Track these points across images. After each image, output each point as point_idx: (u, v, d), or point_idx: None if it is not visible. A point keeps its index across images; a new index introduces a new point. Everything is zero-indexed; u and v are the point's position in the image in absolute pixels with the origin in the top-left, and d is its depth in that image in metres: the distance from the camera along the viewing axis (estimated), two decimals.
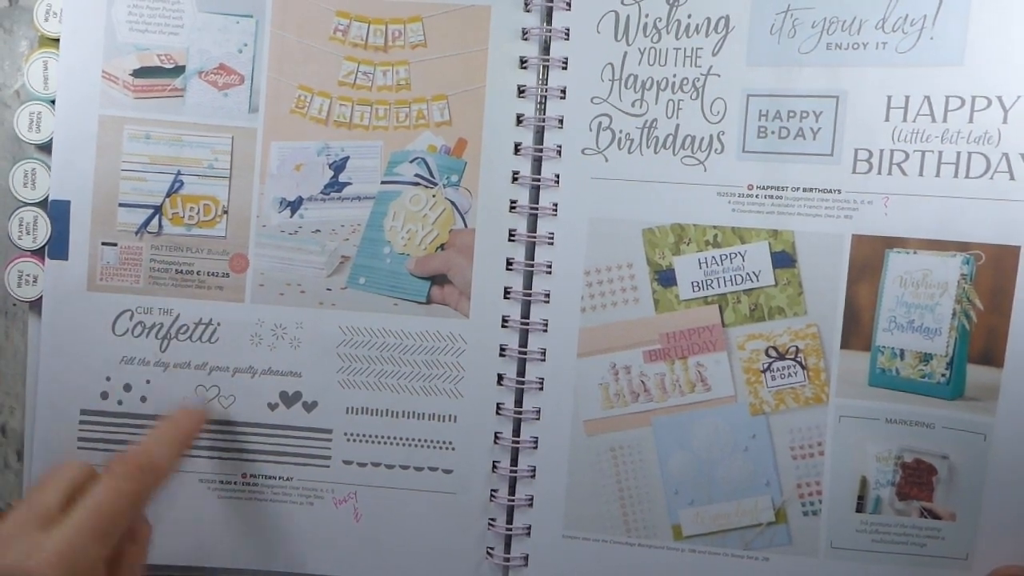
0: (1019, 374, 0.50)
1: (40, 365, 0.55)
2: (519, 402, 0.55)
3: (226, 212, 0.55)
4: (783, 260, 0.53)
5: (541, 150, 0.54)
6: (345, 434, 0.55)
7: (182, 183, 0.55)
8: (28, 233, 0.54)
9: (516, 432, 0.55)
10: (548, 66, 0.54)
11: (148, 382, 0.55)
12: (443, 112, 0.54)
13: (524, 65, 0.54)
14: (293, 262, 0.55)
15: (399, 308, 0.55)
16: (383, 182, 0.55)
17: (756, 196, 0.53)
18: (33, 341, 0.55)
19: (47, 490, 0.45)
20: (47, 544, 0.42)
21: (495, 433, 0.55)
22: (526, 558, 0.55)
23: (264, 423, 0.55)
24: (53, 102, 0.54)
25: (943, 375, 0.51)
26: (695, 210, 0.53)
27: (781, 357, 0.53)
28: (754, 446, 0.53)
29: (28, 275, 0.55)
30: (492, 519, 0.55)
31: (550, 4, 0.54)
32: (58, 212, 0.54)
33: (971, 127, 0.50)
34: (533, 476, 0.55)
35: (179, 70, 0.55)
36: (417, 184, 0.55)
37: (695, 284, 0.54)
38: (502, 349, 0.55)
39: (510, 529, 0.55)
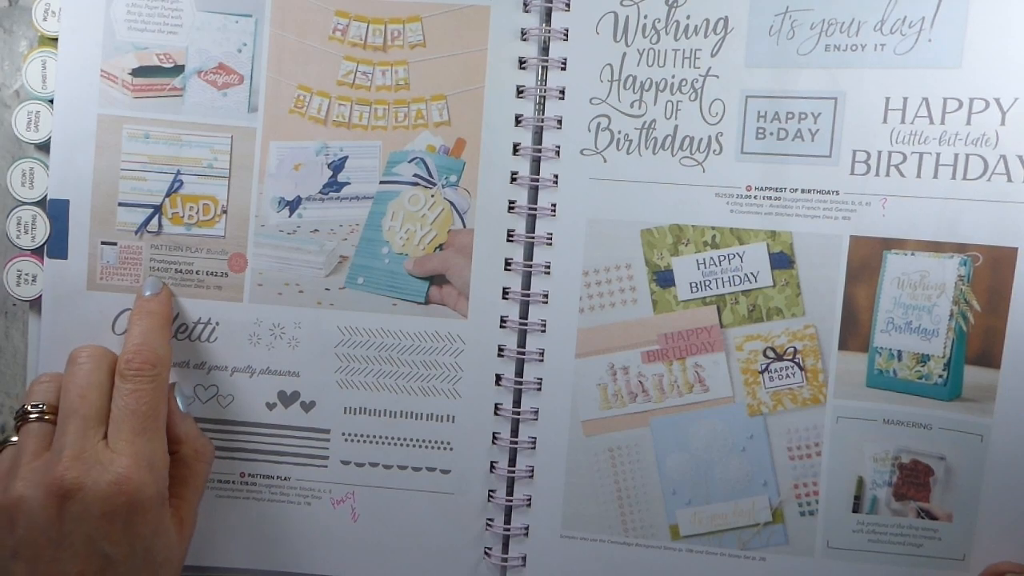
0: (1016, 376, 0.50)
1: (40, 365, 0.55)
2: (517, 402, 0.55)
3: (225, 212, 0.55)
4: (781, 261, 0.53)
5: (540, 151, 0.54)
6: (343, 434, 0.55)
7: (181, 183, 0.55)
8: (26, 232, 0.54)
9: (514, 432, 0.55)
10: (547, 67, 0.54)
11: None
12: (442, 112, 0.54)
13: (523, 65, 0.54)
14: (291, 262, 0.55)
15: (397, 308, 0.55)
16: (382, 182, 0.55)
17: (754, 197, 0.53)
18: (33, 341, 0.55)
19: (86, 398, 0.48)
20: (119, 451, 0.47)
21: (493, 433, 0.55)
22: (524, 558, 0.55)
23: (262, 423, 0.55)
24: (51, 101, 0.54)
25: (940, 376, 0.51)
26: (693, 211, 0.53)
27: (779, 358, 0.53)
28: (752, 447, 0.54)
29: (27, 274, 0.55)
30: (490, 519, 0.55)
31: (549, 4, 0.54)
32: (57, 211, 0.54)
33: (969, 129, 0.51)
34: (531, 476, 0.55)
35: (178, 69, 0.54)
36: (416, 184, 0.55)
37: (693, 285, 0.54)
38: (500, 349, 0.55)
39: (508, 529, 0.55)
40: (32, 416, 0.49)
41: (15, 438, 0.49)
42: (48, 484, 0.45)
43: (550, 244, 0.54)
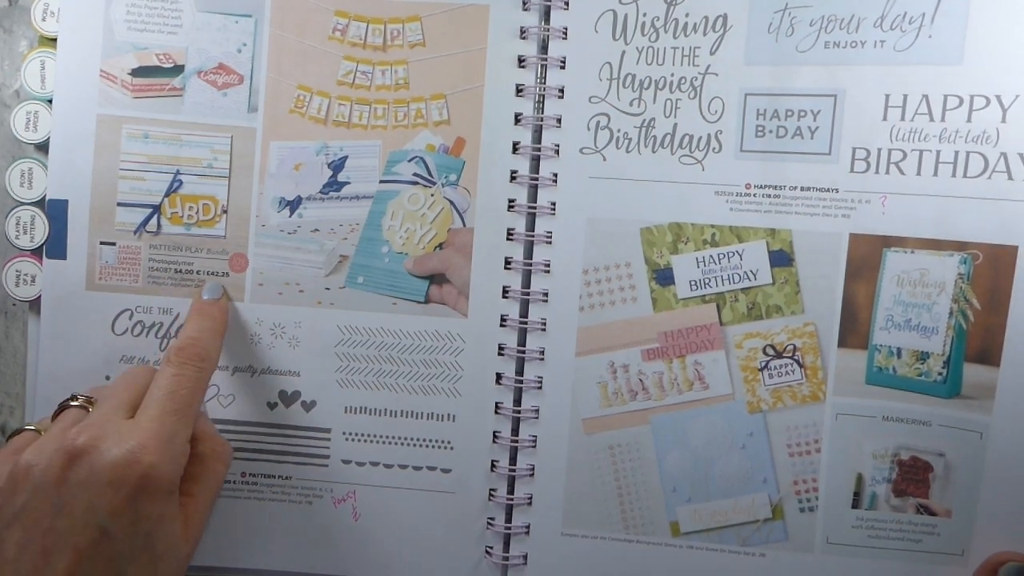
0: (1016, 374, 0.50)
1: (39, 364, 0.55)
2: (518, 401, 0.55)
3: (225, 212, 0.55)
4: (780, 259, 0.53)
5: (539, 149, 0.54)
6: (344, 433, 0.55)
7: (181, 183, 0.55)
8: (25, 232, 0.54)
9: (515, 431, 0.55)
10: (546, 65, 0.54)
11: None
12: (441, 111, 0.54)
13: (522, 64, 0.54)
14: (292, 261, 0.55)
15: (398, 307, 0.55)
16: (381, 181, 0.55)
17: (754, 195, 0.53)
18: (32, 340, 0.56)
19: (116, 388, 0.48)
20: (140, 425, 0.46)
21: (494, 432, 0.55)
22: (525, 557, 0.55)
23: (263, 422, 0.55)
24: (50, 101, 0.54)
25: (940, 374, 0.51)
26: (693, 209, 0.53)
27: (779, 355, 0.53)
28: (751, 444, 0.54)
29: (26, 274, 0.55)
30: (491, 518, 0.55)
31: (548, 3, 0.54)
32: (56, 211, 0.54)
33: (969, 126, 0.50)
34: (532, 475, 0.55)
35: (178, 69, 0.54)
36: (415, 183, 0.55)
37: (693, 283, 0.54)
38: (501, 348, 0.55)
39: (509, 528, 0.55)
40: (74, 405, 0.49)
41: (32, 426, 0.49)
42: (58, 447, 0.44)
43: (550, 243, 0.54)
